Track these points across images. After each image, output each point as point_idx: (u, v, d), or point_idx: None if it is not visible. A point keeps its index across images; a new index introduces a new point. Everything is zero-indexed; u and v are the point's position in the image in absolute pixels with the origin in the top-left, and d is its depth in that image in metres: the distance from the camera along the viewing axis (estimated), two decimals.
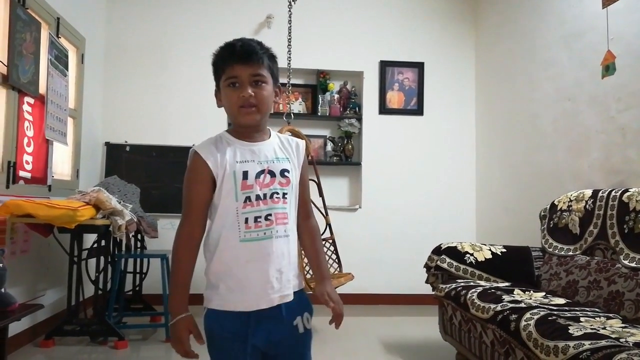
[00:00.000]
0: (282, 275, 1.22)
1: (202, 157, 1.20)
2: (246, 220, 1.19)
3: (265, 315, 1.20)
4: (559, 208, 2.92)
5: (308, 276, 3.13)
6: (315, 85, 4.73)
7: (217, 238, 1.21)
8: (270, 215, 1.20)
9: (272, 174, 1.23)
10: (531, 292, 2.53)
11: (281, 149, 1.29)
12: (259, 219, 1.19)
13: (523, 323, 1.95)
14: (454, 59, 4.80)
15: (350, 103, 4.72)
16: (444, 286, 2.78)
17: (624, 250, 2.36)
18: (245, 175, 1.20)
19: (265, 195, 1.20)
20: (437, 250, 2.98)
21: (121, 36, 4.47)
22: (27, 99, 3.01)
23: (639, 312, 2.11)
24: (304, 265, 3.13)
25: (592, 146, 3.04)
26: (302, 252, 1.46)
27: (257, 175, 1.21)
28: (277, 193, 1.22)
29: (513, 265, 2.93)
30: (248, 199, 1.19)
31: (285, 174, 1.24)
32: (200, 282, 1.26)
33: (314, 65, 4.64)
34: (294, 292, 1.25)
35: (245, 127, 1.25)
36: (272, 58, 1.27)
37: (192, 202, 1.22)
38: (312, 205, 1.47)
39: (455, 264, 2.88)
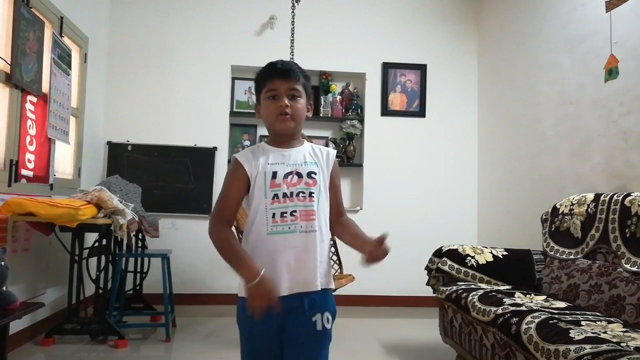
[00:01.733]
0: (306, 267, 1.32)
1: (240, 161, 1.38)
2: (273, 215, 1.32)
3: (287, 308, 1.29)
4: (560, 211, 2.91)
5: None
6: (318, 86, 4.72)
7: (249, 232, 1.36)
8: (295, 211, 1.33)
9: (299, 175, 1.37)
10: (532, 295, 2.52)
11: (311, 155, 1.43)
12: (284, 214, 1.32)
13: (524, 326, 1.95)
14: (456, 61, 4.80)
15: (353, 104, 4.73)
16: (444, 288, 2.78)
17: (625, 254, 2.35)
18: (274, 175, 1.35)
19: (291, 193, 1.34)
20: (438, 253, 2.98)
21: (124, 36, 4.47)
22: (29, 97, 3.01)
23: None
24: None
25: (594, 150, 3.04)
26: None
27: (285, 176, 1.36)
28: (303, 192, 1.35)
29: (514, 268, 2.92)
30: (276, 196, 1.33)
31: (312, 175, 1.38)
32: (201, 284, 1.26)
33: (317, 66, 4.63)
34: (322, 290, 1.34)
35: (280, 134, 1.41)
36: (307, 78, 1.44)
37: (228, 194, 1.38)
38: None
39: (456, 266, 2.87)
